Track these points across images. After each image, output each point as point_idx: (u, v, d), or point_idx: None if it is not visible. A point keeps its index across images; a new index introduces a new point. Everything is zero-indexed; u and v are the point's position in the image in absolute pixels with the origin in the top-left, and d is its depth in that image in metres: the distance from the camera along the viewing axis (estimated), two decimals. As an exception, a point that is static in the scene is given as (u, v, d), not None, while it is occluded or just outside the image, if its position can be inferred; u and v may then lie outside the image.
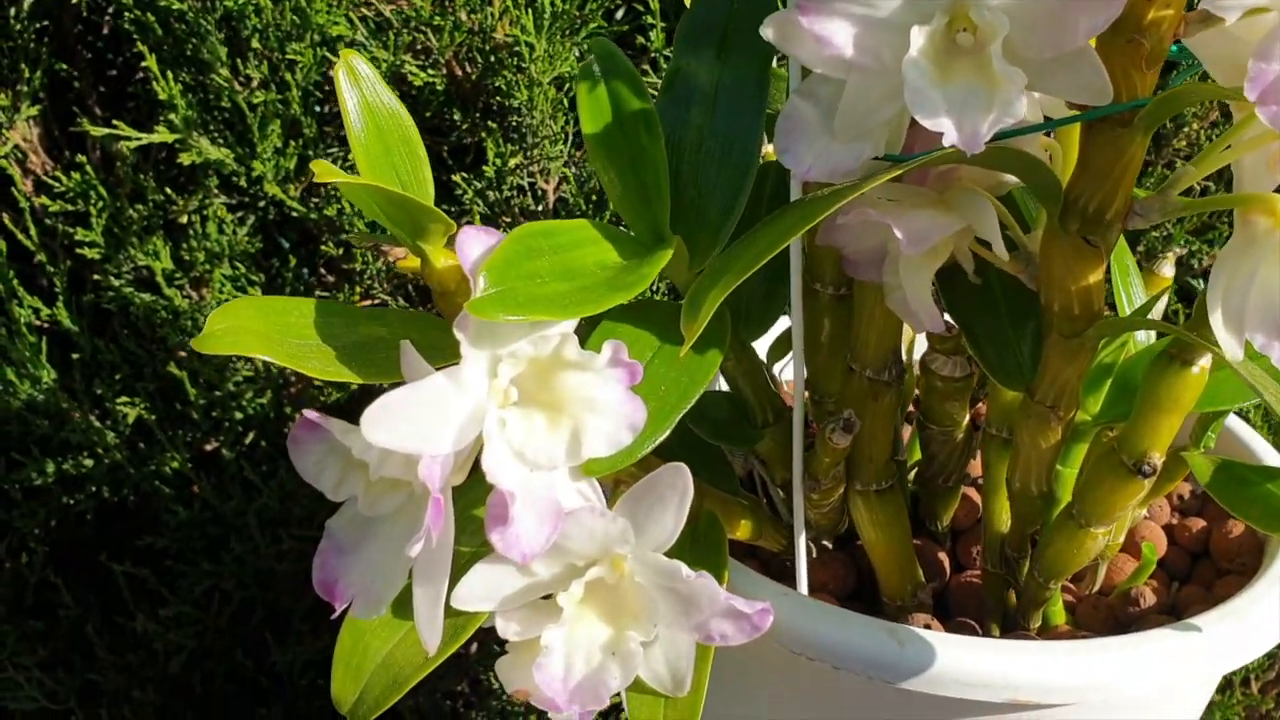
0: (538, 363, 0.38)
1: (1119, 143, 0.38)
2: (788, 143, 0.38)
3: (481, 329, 0.37)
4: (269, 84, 0.75)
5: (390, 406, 0.34)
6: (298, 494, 0.89)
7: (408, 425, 0.35)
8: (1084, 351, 0.42)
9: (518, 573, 0.40)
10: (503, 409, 0.37)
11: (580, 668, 0.40)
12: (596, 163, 0.43)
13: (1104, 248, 0.39)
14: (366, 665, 0.41)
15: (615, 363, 0.38)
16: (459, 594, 0.39)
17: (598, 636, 0.40)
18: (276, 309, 0.38)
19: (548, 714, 0.94)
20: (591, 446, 0.38)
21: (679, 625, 0.40)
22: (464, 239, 0.36)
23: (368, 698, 0.41)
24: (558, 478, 0.39)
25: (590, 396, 0.38)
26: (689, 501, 0.39)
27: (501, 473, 0.36)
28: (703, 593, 0.39)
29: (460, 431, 0.36)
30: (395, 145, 0.41)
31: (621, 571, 0.40)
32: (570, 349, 0.37)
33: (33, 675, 0.93)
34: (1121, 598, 0.51)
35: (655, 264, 0.40)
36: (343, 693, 0.41)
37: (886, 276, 0.43)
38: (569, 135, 0.76)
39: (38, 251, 0.82)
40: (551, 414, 0.38)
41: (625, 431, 0.38)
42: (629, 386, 0.38)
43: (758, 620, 0.40)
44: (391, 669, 0.41)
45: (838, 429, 0.44)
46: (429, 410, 0.35)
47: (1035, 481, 0.46)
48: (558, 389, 0.38)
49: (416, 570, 0.38)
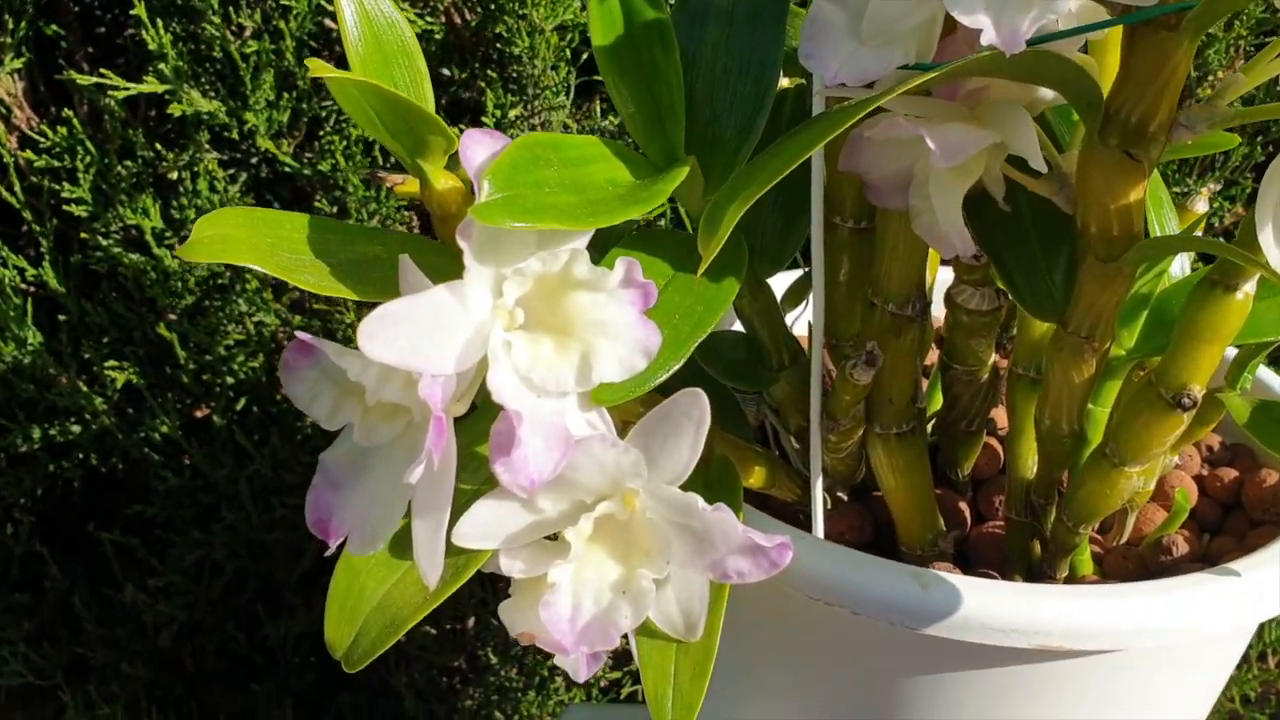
0: (545, 282, 0.35)
1: (1164, 48, 0.35)
2: (813, 47, 0.36)
3: (486, 243, 0.35)
4: (262, 33, 0.72)
5: (389, 317, 0.32)
6: (290, 462, 0.87)
7: (408, 339, 0.32)
8: (1121, 277, 0.40)
9: (523, 509, 0.38)
10: (509, 331, 0.35)
11: (589, 607, 0.38)
12: (607, 78, 0.41)
13: (1146, 162, 0.37)
14: (362, 607, 0.39)
15: (628, 282, 0.36)
16: (461, 530, 0.37)
17: (608, 574, 0.38)
18: (268, 220, 0.36)
19: (549, 684, 0.91)
20: (602, 371, 0.35)
21: (693, 564, 0.38)
22: (468, 140, 0.34)
23: (363, 641, 0.38)
24: (566, 405, 0.36)
25: (601, 319, 0.36)
26: (705, 430, 0.37)
27: (508, 393, 0.34)
28: (719, 527, 0.37)
29: (464, 351, 0.34)
30: (394, 56, 0.38)
31: (632, 507, 0.38)
32: (581, 266, 0.35)
33: (18, 650, 0.91)
34: (1153, 547, 0.49)
35: (671, 180, 0.38)
36: (337, 636, 0.39)
37: (913, 200, 0.40)
38: (570, 86, 0.74)
39: (23, 209, 0.79)
40: (560, 338, 0.36)
41: (639, 356, 0.36)
42: (643, 310, 0.36)
43: (776, 555, 0.37)
44: (388, 610, 0.39)
45: (859, 363, 0.42)
46: (431, 324, 0.33)
47: (1067, 419, 0.44)
48: (566, 311, 0.36)
49: (416, 499, 0.36)
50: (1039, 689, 0.44)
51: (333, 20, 0.73)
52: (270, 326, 0.81)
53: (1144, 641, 0.41)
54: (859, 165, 0.41)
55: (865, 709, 0.46)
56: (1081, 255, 0.40)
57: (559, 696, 0.96)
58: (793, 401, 0.49)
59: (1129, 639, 0.41)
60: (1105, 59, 0.41)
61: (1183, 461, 0.54)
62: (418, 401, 0.35)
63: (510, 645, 0.95)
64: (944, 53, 0.38)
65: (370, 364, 0.34)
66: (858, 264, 0.47)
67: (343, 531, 0.37)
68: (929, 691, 0.45)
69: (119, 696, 0.92)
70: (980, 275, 0.44)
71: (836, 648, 0.45)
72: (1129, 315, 0.45)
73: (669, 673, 0.40)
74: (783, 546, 0.37)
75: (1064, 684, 0.44)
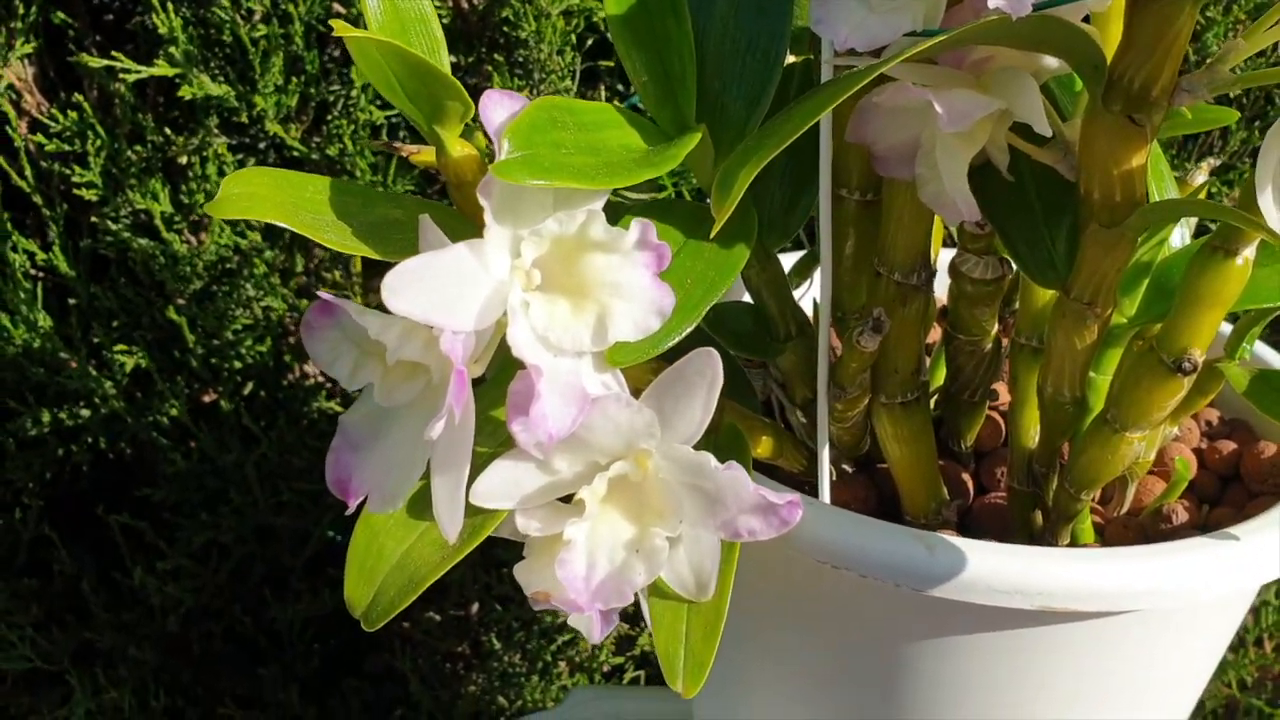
0: (562, 243, 0.36)
1: (1167, 13, 0.36)
2: (823, 13, 0.37)
3: (504, 203, 0.35)
4: (271, 18, 0.73)
5: (411, 272, 0.33)
6: (297, 446, 0.88)
7: (430, 293, 0.33)
8: (1124, 242, 0.41)
9: (539, 469, 0.38)
10: (526, 292, 0.36)
11: (603, 564, 0.38)
12: (620, 47, 0.41)
13: (1149, 128, 0.38)
14: (381, 566, 0.40)
15: (643, 244, 0.36)
16: (478, 489, 0.37)
17: (621, 533, 0.39)
18: (293, 181, 0.36)
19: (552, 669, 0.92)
20: (617, 330, 0.36)
21: (704, 523, 0.39)
22: (488, 101, 0.35)
23: (382, 599, 0.39)
24: (582, 366, 0.37)
25: (616, 280, 0.36)
26: (718, 390, 0.38)
27: (527, 349, 0.35)
28: (731, 486, 0.38)
29: (483, 308, 0.35)
30: (412, 24, 0.39)
31: (645, 468, 0.38)
32: (597, 227, 0.36)
33: (26, 634, 0.92)
34: (1153, 516, 0.50)
35: (683, 146, 0.39)
36: (356, 594, 0.40)
37: (920, 168, 0.41)
38: (576, 72, 0.74)
39: (33, 194, 0.80)
40: (575, 299, 0.37)
41: (653, 316, 0.37)
42: (657, 272, 0.37)
43: (787, 513, 0.38)
44: (407, 569, 0.39)
45: (866, 330, 0.43)
46: (452, 280, 0.34)
47: (1069, 386, 0.45)
48: (582, 272, 0.37)
49: (436, 455, 0.36)
50: (1042, 652, 0.45)
51: (341, 5, 0.74)
52: (278, 311, 0.82)
53: (1145, 603, 0.42)
54: (866, 135, 0.42)
55: (871, 672, 0.47)
56: (1084, 222, 0.41)
57: (562, 681, 0.96)
58: (799, 372, 0.50)
59: (1130, 600, 0.42)
60: (1107, 27, 0.42)
61: (1182, 434, 0.54)
62: (437, 360, 0.36)
63: (514, 631, 0.96)
64: (950, 21, 0.39)
65: (391, 323, 0.35)
66: (863, 237, 0.48)
67: (362, 491, 0.38)
68: (933, 654, 0.45)
69: (126, 681, 0.93)
70: (984, 244, 0.45)
71: (843, 611, 0.46)
72: (1130, 283, 0.46)
73: (680, 633, 0.41)
74: (793, 504, 0.38)
75: (1066, 647, 0.45)
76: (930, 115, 0.39)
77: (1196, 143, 0.82)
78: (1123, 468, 0.46)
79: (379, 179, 0.77)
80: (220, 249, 0.80)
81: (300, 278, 0.82)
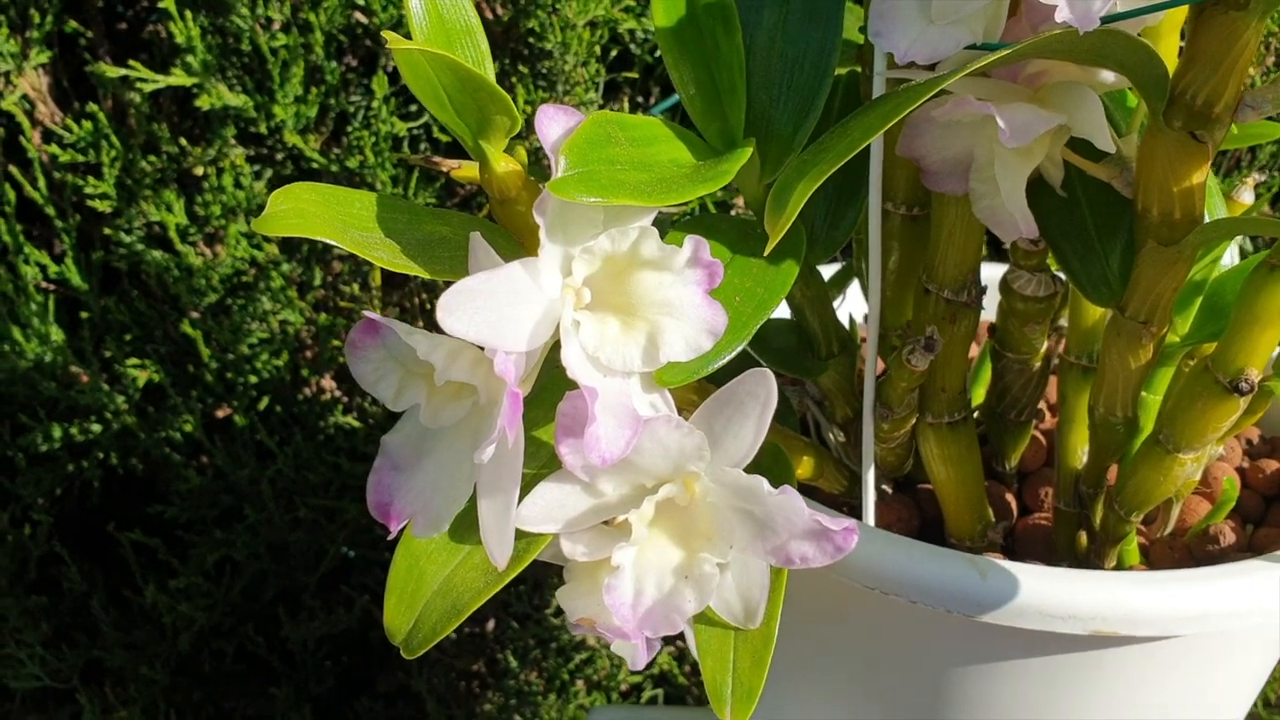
0: (613, 261, 0.35)
1: (1232, 28, 0.35)
2: (882, 25, 0.36)
3: (556, 220, 0.35)
4: (290, 27, 0.72)
5: (468, 292, 0.32)
6: (313, 462, 0.86)
7: (485, 313, 0.32)
8: (1181, 261, 0.40)
9: (585, 491, 0.37)
10: (577, 311, 0.35)
11: (651, 591, 0.37)
12: (667, 58, 0.41)
13: (1211, 144, 0.37)
14: (423, 591, 0.39)
15: (696, 261, 0.35)
16: (523, 513, 0.36)
17: (669, 559, 0.38)
18: (339, 198, 0.35)
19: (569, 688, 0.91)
20: (669, 350, 0.35)
21: (753, 549, 0.38)
22: (543, 116, 0.34)
23: (424, 625, 0.38)
24: (630, 386, 0.36)
25: (667, 298, 0.35)
26: (771, 412, 0.37)
27: (581, 369, 0.34)
28: (782, 511, 0.37)
29: (536, 328, 0.34)
30: (458, 36, 0.38)
31: (693, 492, 0.37)
32: (649, 244, 0.35)
33: (35, 652, 0.91)
34: (1199, 537, 0.49)
35: (735, 161, 0.38)
36: (396, 622, 0.39)
37: (974, 183, 0.40)
38: (600, 84, 0.74)
39: (46, 205, 0.79)
40: (625, 317, 0.36)
41: (705, 336, 0.36)
42: (709, 290, 0.36)
43: (842, 540, 0.37)
44: (449, 595, 0.38)
45: (918, 349, 0.42)
46: (507, 299, 0.33)
47: (1121, 406, 0.44)
48: (632, 291, 0.36)
49: (483, 480, 0.35)
50: (1092, 677, 0.44)
51: (363, 14, 0.73)
52: (295, 325, 0.81)
53: (1201, 626, 0.41)
54: (918, 150, 0.41)
55: (917, 696, 0.46)
56: (1141, 240, 0.40)
57: (579, 700, 0.95)
58: (840, 391, 0.49)
59: (1184, 624, 0.41)
60: (1159, 44, 0.41)
61: (1225, 454, 0.53)
62: (484, 380, 0.35)
63: (530, 649, 0.95)
64: (1007, 35, 0.38)
65: (439, 343, 0.34)
66: (908, 252, 0.47)
67: (406, 515, 0.37)
68: (981, 678, 0.44)
69: (136, 700, 0.92)
70: (1037, 261, 0.44)
71: (892, 636, 0.45)
72: (1182, 302, 0.45)
73: (728, 660, 0.40)
74: (849, 530, 0.37)
75: (1117, 670, 0.44)
76: (988, 129, 0.38)
77: (1225, 157, 0.81)
78: (1174, 489, 0.45)
79: (399, 191, 0.76)
80: (236, 262, 0.79)
81: (318, 291, 0.81)
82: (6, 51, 0.74)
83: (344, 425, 0.85)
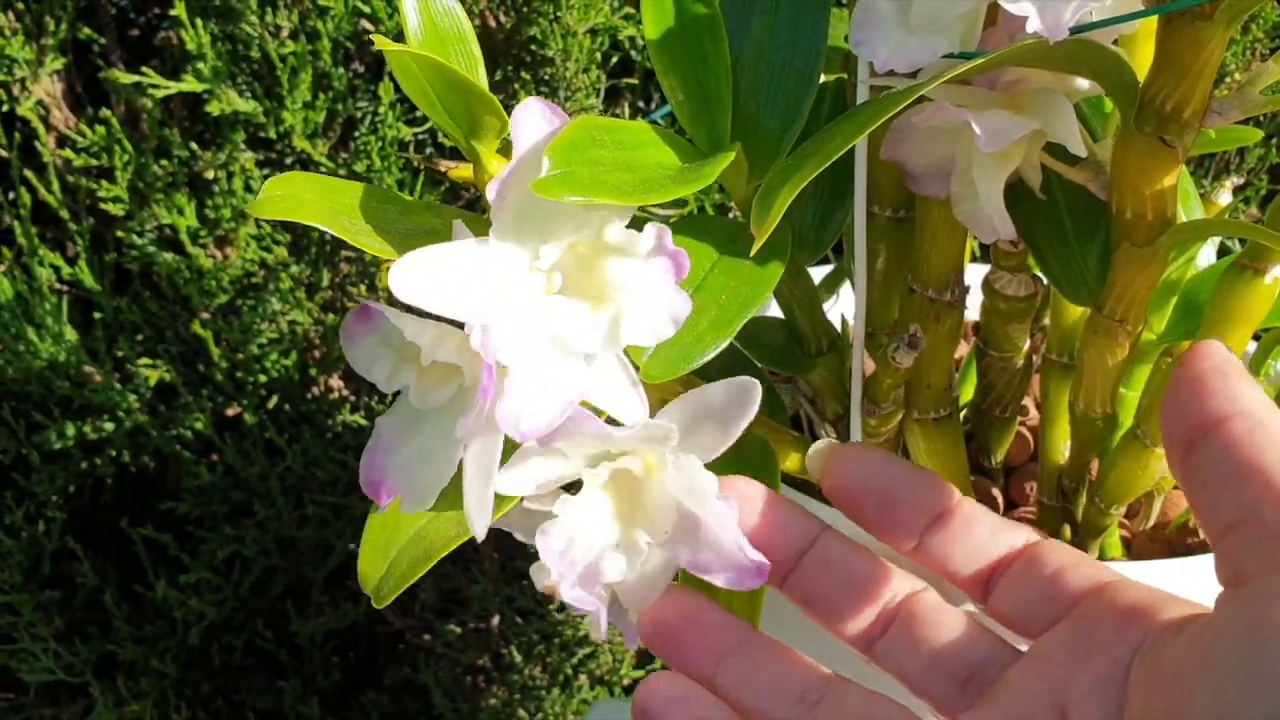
0: (580, 248, 0.37)
1: (1199, 36, 0.37)
2: (863, 35, 0.38)
3: (523, 209, 0.36)
4: (299, 34, 0.74)
5: (417, 259, 0.33)
6: (321, 459, 0.88)
7: (433, 281, 0.34)
8: (1155, 261, 0.41)
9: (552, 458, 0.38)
10: (547, 295, 0.36)
11: (582, 546, 0.38)
12: (658, 67, 0.42)
13: (1180, 148, 0.39)
14: (397, 540, 0.40)
15: (659, 250, 0.36)
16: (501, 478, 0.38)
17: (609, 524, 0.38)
18: (333, 187, 0.37)
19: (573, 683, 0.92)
20: (631, 333, 0.36)
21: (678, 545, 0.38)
22: (523, 112, 0.35)
23: (394, 572, 0.39)
24: (609, 375, 0.37)
25: (631, 283, 0.36)
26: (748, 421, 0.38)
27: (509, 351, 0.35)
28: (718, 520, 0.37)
29: (489, 301, 0.35)
30: (451, 43, 0.40)
31: (650, 468, 0.39)
32: (613, 231, 0.36)
33: (49, 646, 0.92)
34: (1179, 530, 0.50)
35: (718, 163, 0.39)
36: (369, 569, 0.40)
37: (955, 186, 0.42)
38: (601, 89, 0.75)
39: (60, 208, 0.81)
40: (593, 302, 0.37)
41: (666, 323, 0.36)
42: (675, 279, 0.37)
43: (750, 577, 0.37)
44: (421, 544, 0.39)
45: (902, 346, 0.43)
46: (457, 270, 0.34)
47: (1100, 402, 0.45)
48: (600, 277, 0.37)
49: (469, 453, 0.37)
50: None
51: (369, 22, 0.74)
52: (303, 325, 0.82)
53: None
54: (901, 154, 0.42)
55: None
56: (1116, 241, 0.42)
57: (583, 695, 0.97)
58: (830, 387, 0.50)
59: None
60: (1135, 50, 0.43)
61: (1208, 449, 0.55)
62: (469, 363, 0.37)
63: (535, 644, 0.96)
64: (985, 44, 0.39)
65: (426, 326, 0.36)
66: (894, 253, 0.48)
67: (395, 491, 0.38)
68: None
69: (148, 693, 0.93)
70: (1017, 261, 0.45)
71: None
72: (1159, 301, 0.46)
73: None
74: (761, 569, 0.37)
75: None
76: (967, 135, 0.39)
77: (1214, 160, 0.83)
78: (1152, 483, 0.46)
79: (404, 193, 0.78)
80: (246, 263, 0.80)
81: (326, 292, 0.83)
82: (22, 58, 0.76)
83: (351, 423, 0.87)
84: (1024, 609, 0.38)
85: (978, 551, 0.40)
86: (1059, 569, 0.38)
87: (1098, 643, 0.35)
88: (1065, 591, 0.38)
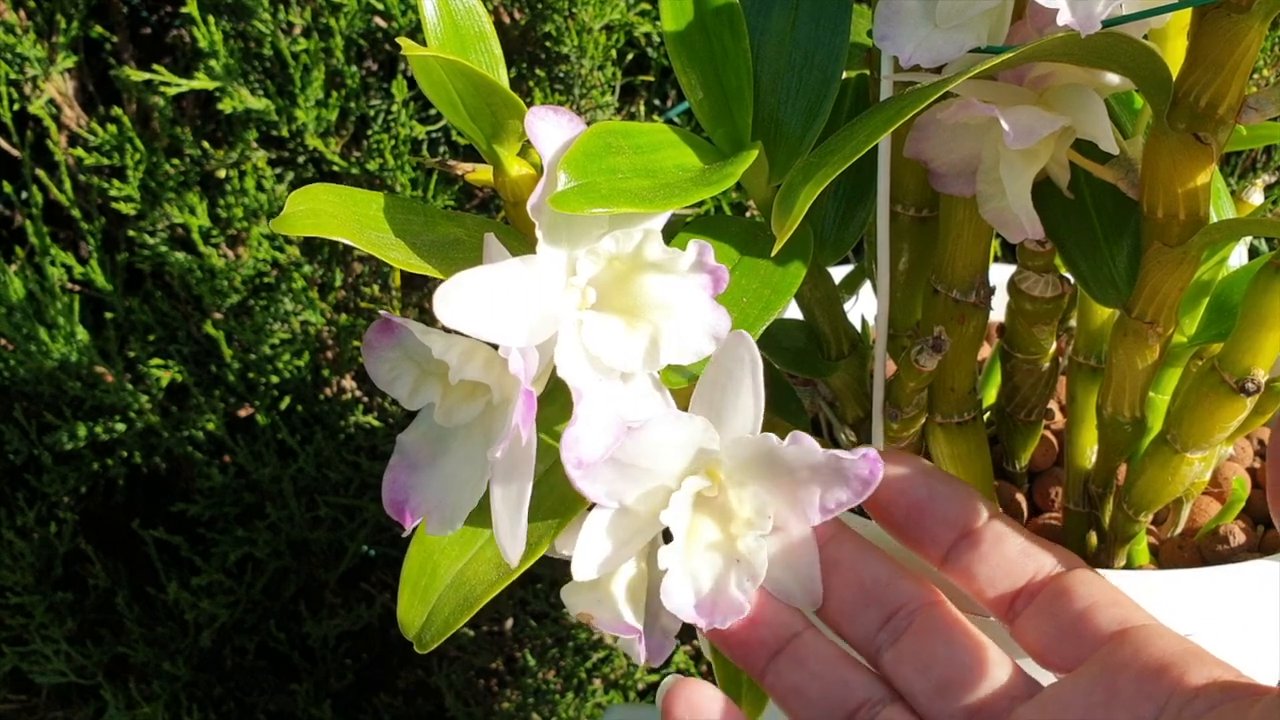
0: (618, 262, 0.36)
1: (1235, 30, 0.36)
2: (888, 29, 0.37)
3: (559, 223, 0.35)
4: (311, 31, 0.73)
5: (464, 285, 0.33)
6: (334, 460, 0.87)
7: (480, 306, 0.33)
8: (1187, 261, 0.40)
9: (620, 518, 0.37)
10: (581, 311, 0.35)
11: (707, 584, 0.37)
12: (676, 64, 0.41)
13: (1215, 145, 0.37)
14: (435, 585, 0.39)
15: (700, 266, 0.36)
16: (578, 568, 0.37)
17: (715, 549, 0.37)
18: (356, 199, 0.36)
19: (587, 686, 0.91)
20: (669, 353, 0.35)
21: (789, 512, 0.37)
22: (536, 119, 0.34)
23: (436, 619, 0.39)
24: (633, 387, 0.37)
25: (670, 301, 0.36)
26: (761, 372, 0.36)
27: (571, 369, 0.34)
28: (801, 459, 0.36)
29: (533, 324, 0.34)
30: (472, 42, 0.39)
31: (718, 479, 0.38)
32: (653, 247, 0.35)
33: (60, 648, 0.92)
34: (1209, 537, 0.49)
35: (740, 164, 0.38)
36: (409, 616, 0.39)
37: (982, 185, 0.41)
38: (616, 87, 0.74)
39: (71, 208, 0.80)
40: (629, 319, 0.36)
41: (706, 340, 0.36)
42: (714, 295, 0.36)
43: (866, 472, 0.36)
44: (462, 589, 0.39)
45: (925, 349, 0.43)
46: (503, 294, 0.33)
47: (1129, 406, 0.44)
48: (637, 293, 0.36)
49: (498, 476, 0.36)
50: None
51: (383, 19, 0.74)
52: (316, 325, 0.82)
53: (1208, 626, 0.42)
54: (925, 152, 0.41)
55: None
56: (1147, 241, 0.41)
57: (597, 699, 0.96)
58: (851, 391, 0.49)
59: (1196, 623, 0.41)
60: (1166, 45, 0.42)
61: (1235, 454, 0.54)
62: (498, 380, 0.36)
63: (548, 648, 0.95)
64: (1012, 38, 0.38)
65: (454, 342, 0.35)
66: (917, 253, 0.47)
67: (421, 512, 0.38)
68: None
69: (159, 695, 0.93)
70: (1044, 262, 0.44)
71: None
72: (1190, 303, 0.45)
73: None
74: (869, 459, 0.36)
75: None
76: (994, 132, 0.38)
77: (1240, 158, 0.81)
78: (1182, 489, 0.45)
79: (419, 194, 0.77)
80: (258, 263, 0.80)
81: (339, 292, 0.82)
82: (34, 56, 0.75)
83: (364, 424, 0.86)
84: (1048, 642, 0.38)
85: (1004, 571, 0.39)
86: (1089, 606, 0.38)
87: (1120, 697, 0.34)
88: (1092, 631, 0.37)
